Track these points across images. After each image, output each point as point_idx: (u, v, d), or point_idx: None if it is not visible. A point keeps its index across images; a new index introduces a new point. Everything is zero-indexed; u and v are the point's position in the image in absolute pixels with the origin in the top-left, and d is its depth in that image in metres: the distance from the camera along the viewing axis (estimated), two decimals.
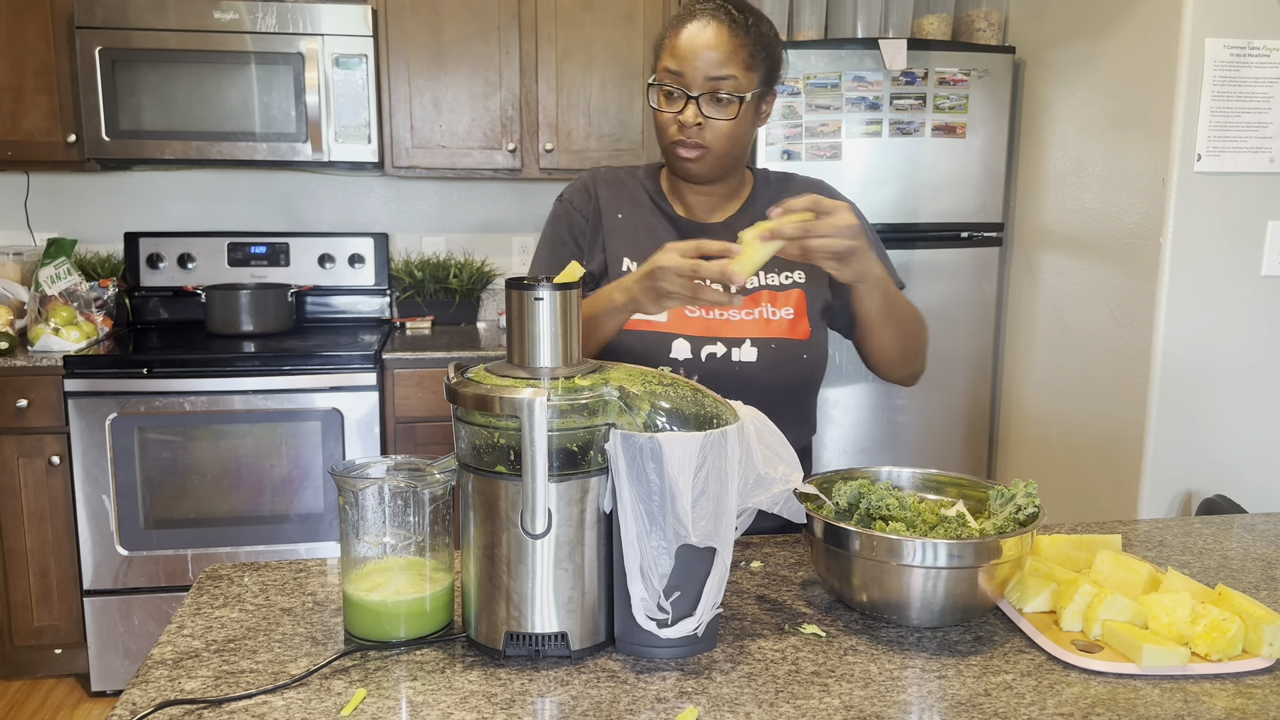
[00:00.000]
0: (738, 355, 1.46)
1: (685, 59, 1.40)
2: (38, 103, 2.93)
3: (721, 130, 1.42)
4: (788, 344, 1.47)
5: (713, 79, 1.39)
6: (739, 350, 1.46)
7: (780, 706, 0.95)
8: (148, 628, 2.83)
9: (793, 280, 1.50)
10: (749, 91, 1.41)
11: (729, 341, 1.46)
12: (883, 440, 3.01)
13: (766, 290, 1.49)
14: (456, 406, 1.04)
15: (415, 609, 1.06)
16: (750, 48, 1.41)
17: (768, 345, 1.46)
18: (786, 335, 1.47)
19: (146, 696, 0.96)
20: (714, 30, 1.40)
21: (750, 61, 1.41)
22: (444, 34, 3.08)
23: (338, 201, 3.48)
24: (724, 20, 1.40)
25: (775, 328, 1.47)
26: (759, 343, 1.46)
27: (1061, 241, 2.82)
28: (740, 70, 1.40)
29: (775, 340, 1.47)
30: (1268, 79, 2.35)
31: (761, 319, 1.47)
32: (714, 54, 1.39)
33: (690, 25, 1.41)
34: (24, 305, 3.05)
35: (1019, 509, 1.16)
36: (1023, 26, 3.01)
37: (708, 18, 1.41)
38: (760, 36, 1.42)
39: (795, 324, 1.48)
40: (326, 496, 2.86)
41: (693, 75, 1.40)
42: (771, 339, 1.47)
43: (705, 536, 1.00)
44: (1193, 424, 2.47)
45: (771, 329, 1.47)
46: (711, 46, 1.39)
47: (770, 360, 1.46)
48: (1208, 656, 1.05)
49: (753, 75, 1.42)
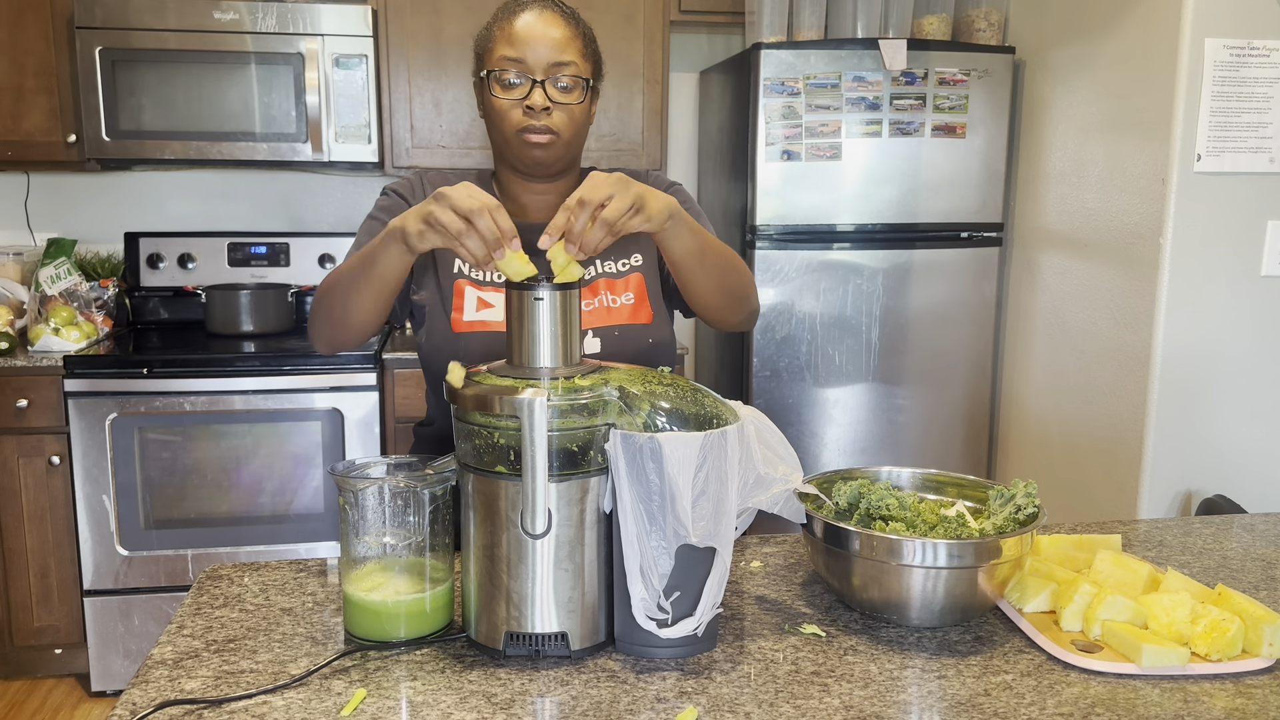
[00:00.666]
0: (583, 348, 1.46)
1: (525, 44, 1.39)
2: (38, 103, 2.93)
3: (571, 114, 1.41)
4: (631, 330, 1.46)
5: (556, 64, 1.39)
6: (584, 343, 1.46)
7: (780, 706, 0.95)
8: (148, 628, 2.83)
9: (629, 265, 1.49)
10: (587, 78, 1.42)
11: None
12: (883, 440, 3.01)
13: (605, 279, 1.48)
14: (456, 406, 1.04)
15: (415, 609, 1.06)
16: (583, 39, 1.43)
17: (610, 333, 1.45)
18: (629, 321, 1.46)
19: (146, 696, 0.96)
20: (550, 18, 1.40)
21: (585, 51, 1.43)
22: (444, 34, 3.08)
23: (338, 201, 3.48)
24: (557, 11, 1.42)
25: (617, 315, 1.46)
26: (601, 332, 1.45)
27: (1061, 241, 2.82)
28: (578, 57, 1.41)
29: (618, 328, 1.46)
30: (1268, 79, 2.35)
31: (602, 308, 1.46)
32: (554, 38, 1.39)
33: (524, 14, 1.41)
34: (24, 305, 3.05)
35: (1019, 509, 1.16)
36: (1023, 26, 3.01)
37: (539, 7, 1.41)
38: (587, 31, 1.45)
39: (637, 309, 1.47)
40: (326, 496, 2.86)
41: (535, 60, 1.38)
42: (614, 326, 1.46)
43: (705, 536, 1.00)
44: (1193, 424, 2.47)
45: (613, 316, 1.46)
46: (553, 30, 1.39)
47: (614, 347, 1.45)
48: (1208, 656, 1.05)
49: (588, 65, 1.43)
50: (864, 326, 2.93)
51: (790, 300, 2.89)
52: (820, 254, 2.88)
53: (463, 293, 1.47)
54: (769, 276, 2.87)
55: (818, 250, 2.88)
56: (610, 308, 1.46)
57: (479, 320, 1.46)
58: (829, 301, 2.90)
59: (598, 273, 1.48)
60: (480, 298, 1.49)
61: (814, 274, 2.89)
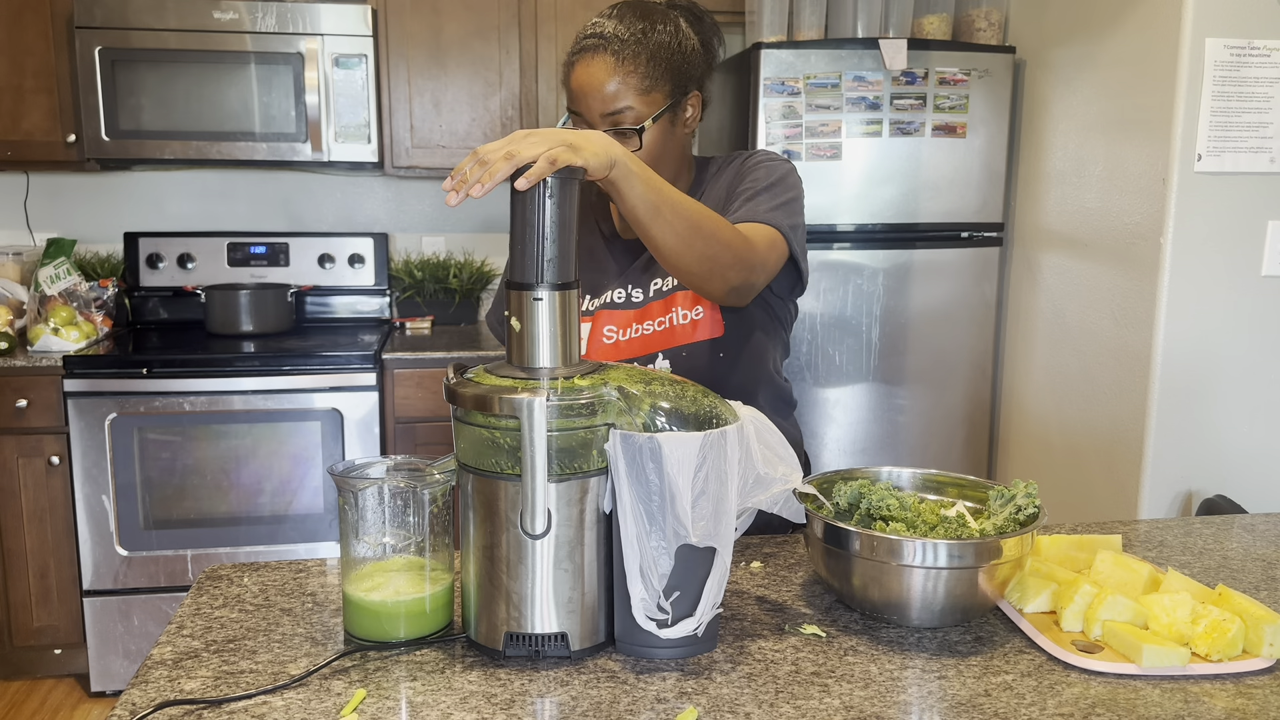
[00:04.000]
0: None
1: (579, 100, 1.39)
2: (38, 103, 2.93)
3: None
4: (698, 348, 1.43)
5: (609, 115, 1.37)
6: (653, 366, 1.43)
7: (780, 707, 0.95)
8: (147, 628, 2.83)
9: None
10: (651, 115, 1.38)
11: (645, 360, 1.44)
12: (883, 440, 3.01)
13: (680, 292, 1.44)
14: (456, 407, 1.04)
15: (415, 609, 1.06)
16: (643, 70, 1.36)
17: (679, 354, 1.43)
18: (696, 339, 1.43)
19: (146, 697, 0.96)
20: (599, 65, 1.36)
21: (644, 84, 1.37)
22: (444, 34, 3.07)
23: (337, 201, 3.48)
24: (609, 50, 1.36)
25: (681, 334, 1.43)
26: (670, 354, 1.43)
27: (1061, 241, 2.82)
28: (635, 98, 1.37)
29: (685, 348, 1.43)
30: (1268, 79, 2.35)
31: (669, 328, 1.43)
32: (605, 90, 1.36)
33: (579, 64, 1.38)
34: (24, 305, 3.05)
35: (1019, 509, 1.16)
36: (1023, 26, 3.01)
37: (592, 52, 1.37)
38: (655, 51, 1.37)
39: (704, 323, 1.43)
40: (326, 496, 2.86)
41: (590, 115, 1.38)
42: (681, 347, 1.43)
43: (705, 536, 1.00)
44: (1193, 424, 2.47)
45: (677, 336, 1.43)
46: (600, 84, 1.36)
47: (683, 369, 1.42)
48: (1208, 657, 1.05)
49: (654, 95, 1.38)
50: (864, 326, 2.93)
51: None
52: (820, 254, 2.88)
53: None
54: None
55: (818, 250, 2.88)
56: (677, 326, 1.43)
57: None
58: (829, 301, 2.90)
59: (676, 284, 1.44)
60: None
61: (814, 274, 2.88)
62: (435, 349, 2.98)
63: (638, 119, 1.37)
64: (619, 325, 1.46)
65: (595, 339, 1.46)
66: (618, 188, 1.14)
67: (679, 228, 1.20)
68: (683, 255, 1.23)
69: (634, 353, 1.44)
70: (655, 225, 1.19)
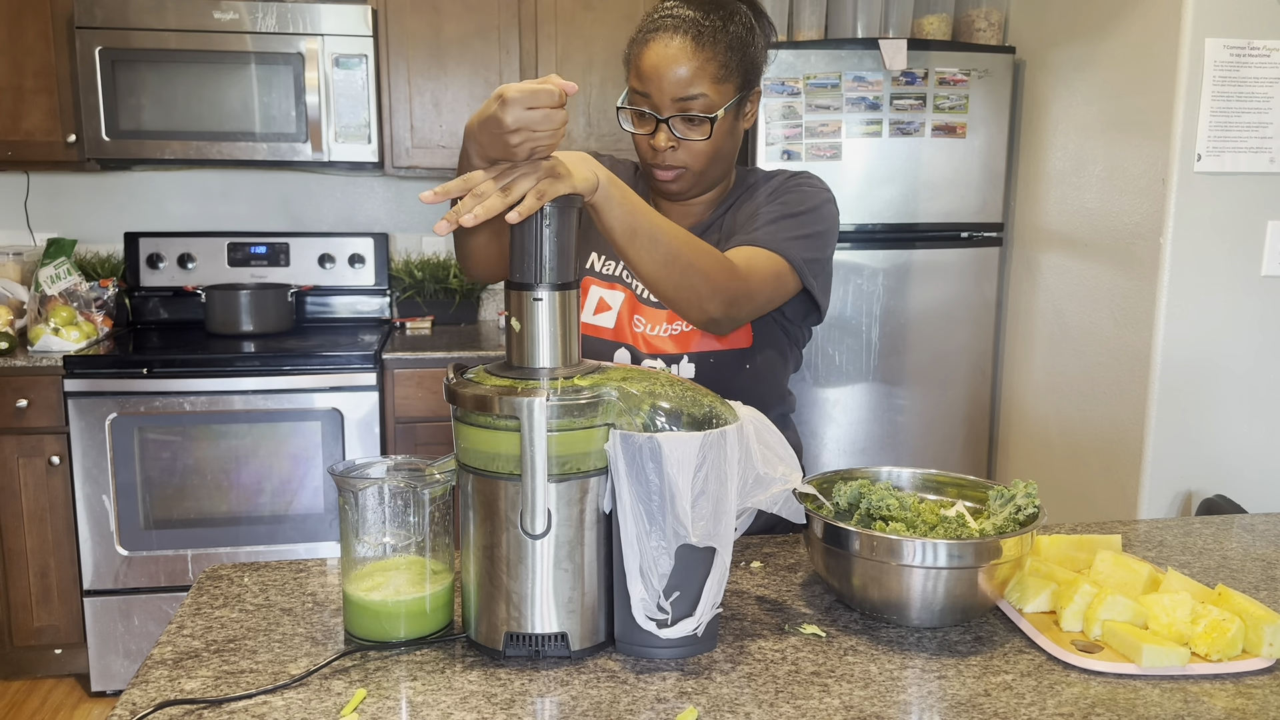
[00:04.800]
0: (676, 371, 1.41)
1: (650, 80, 1.33)
2: (38, 103, 2.93)
3: (698, 150, 1.37)
4: (726, 356, 1.41)
5: (681, 100, 1.33)
6: (677, 367, 1.41)
7: (780, 707, 0.95)
8: (148, 628, 2.83)
9: None
10: (723, 105, 1.35)
11: (669, 359, 1.41)
12: (883, 440, 3.01)
13: None
14: (456, 407, 1.04)
15: (415, 608, 1.06)
16: (721, 58, 1.33)
17: (706, 360, 1.41)
18: (726, 346, 1.41)
19: (146, 696, 0.96)
20: (678, 47, 1.32)
21: (721, 73, 1.34)
22: (444, 33, 3.08)
23: (338, 201, 3.48)
24: (689, 33, 1.32)
25: (711, 339, 1.41)
26: (696, 357, 1.41)
27: (1061, 241, 2.82)
28: (710, 85, 1.33)
29: (714, 354, 1.41)
30: (1268, 79, 2.35)
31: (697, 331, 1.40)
32: (680, 73, 1.32)
33: (654, 43, 1.33)
34: (24, 305, 3.05)
35: (1019, 509, 1.16)
36: (1023, 26, 3.01)
37: (670, 32, 1.33)
38: (732, 41, 1.35)
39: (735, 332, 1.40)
40: (326, 496, 2.86)
41: (660, 97, 1.33)
42: (710, 353, 1.41)
43: (705, 536, 1.00)
44: (1193, 424, 2.47)
45: (708, 341, 1.41)
46: (676, 65, 1.32)
47: (709, 376, 1.41)
48: (1208, 657, 1.05)
49: (726, 86, 1.35)
50: (864, 326, 2.93)
51: None
52: None
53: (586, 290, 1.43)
54: None
55: None
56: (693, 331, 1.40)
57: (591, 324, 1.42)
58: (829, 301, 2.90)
59: None
60: (602, 297, 1.45)
61: None
62: (435, 349, 2.98)
63: (709, 107, 1.34)
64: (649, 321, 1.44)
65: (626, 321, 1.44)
66: (598, 210, 1.14)
67: (655, 255, 1.19)
68: (658, 282, 1.22)
69: (664, 349, 1.42)
70: (631, 249, 1.18)
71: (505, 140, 1.02)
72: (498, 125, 1.02)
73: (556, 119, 1.02)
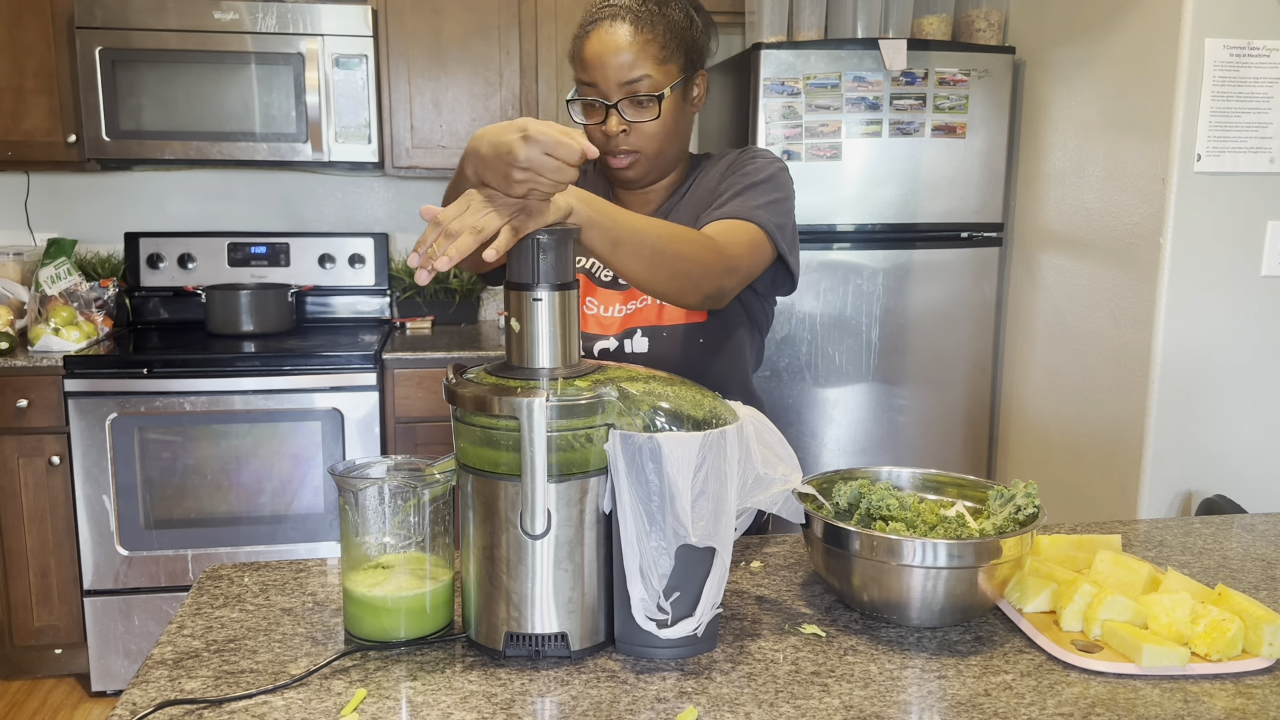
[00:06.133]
0: (630, 347, 1.43)
1: (595, 68, 1.37)
2: (38, 103, 2.93)
3: (649, 131, 1.39)
4: (679, 330, 1.43)
5: (626, 83, 1.36)
6: (631, 342, 1.43)
7: (780, 706, 0.95)
8: (148, 628, 2.83)
9: None
10: (668, 85, 1.38)
11: (621, 336, 1.44)
12: (883, 440, 3.01)
13: None
14: (456, 407, 1.04)
15: (415, 605, 1.06)
16: (661, 39, 1.37)
17: (659, 334, 1.43)
18: (681, 320, 1.43)
19: (146, 696, 0.96)
20: (618, 32, 1.36)
21: (662, 54, 1.38)
22: (444, 34, 3.08)
23: (338, 201, 3.48)
24: (626, 19, 1.37)
25: (670, 314, 1.43)
26: (650, 331, 1.43)
27: (1061, 241, 2.82)
28: (653, 66, 1.37)
29: (667, 328, 1.43)
30: (1268, 79, 2.35)
31: (654, 304, 1.43)
32: (623, 57, 1.36)
33: (595, 32, 1.38)
34: (24, 305, 3.05)
35: (1019, 509, 1.16)
36: (1023, 26, 3.01)
37: (610, 20, 1.37)
38: (670, 24, 1.39)
39: None
40: (326, 496, 2.86)
41: (606, 84, 1.37)
42: (664, 327, 1.43)
43: (705, 536, 1.00)
44: (1193, 424, 2.47)
45: (666, 315, 1.43)
46: (618, 50, 1.36)
47: (663, 349, 1.42)
48: (1208, 656, 1.05)
49: (670, 66, 1.39)
50: (864, 326, 2.93)
51: (790, 300, 2.89)
52: (820, 254, 2.88)
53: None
54: None
55: (818, 250, 2.88)
56: (664, 305, 1.43)
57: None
58: (829, 301, 2.90)
59: None
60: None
61: (814, 274, 2.88)
62: (435, 349, 2.98)
63: (654, 87, 1.37)
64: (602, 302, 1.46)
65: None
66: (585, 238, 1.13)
67: (641, 258, 1.20)
68: (652, 281, 1.23)
69: (615, 328, 1.44)
70: (617, 260, 1.18)
71: (509, 173, 1.01)
72: (510, 156, 1.01)
73: (567, 175, 1.02)
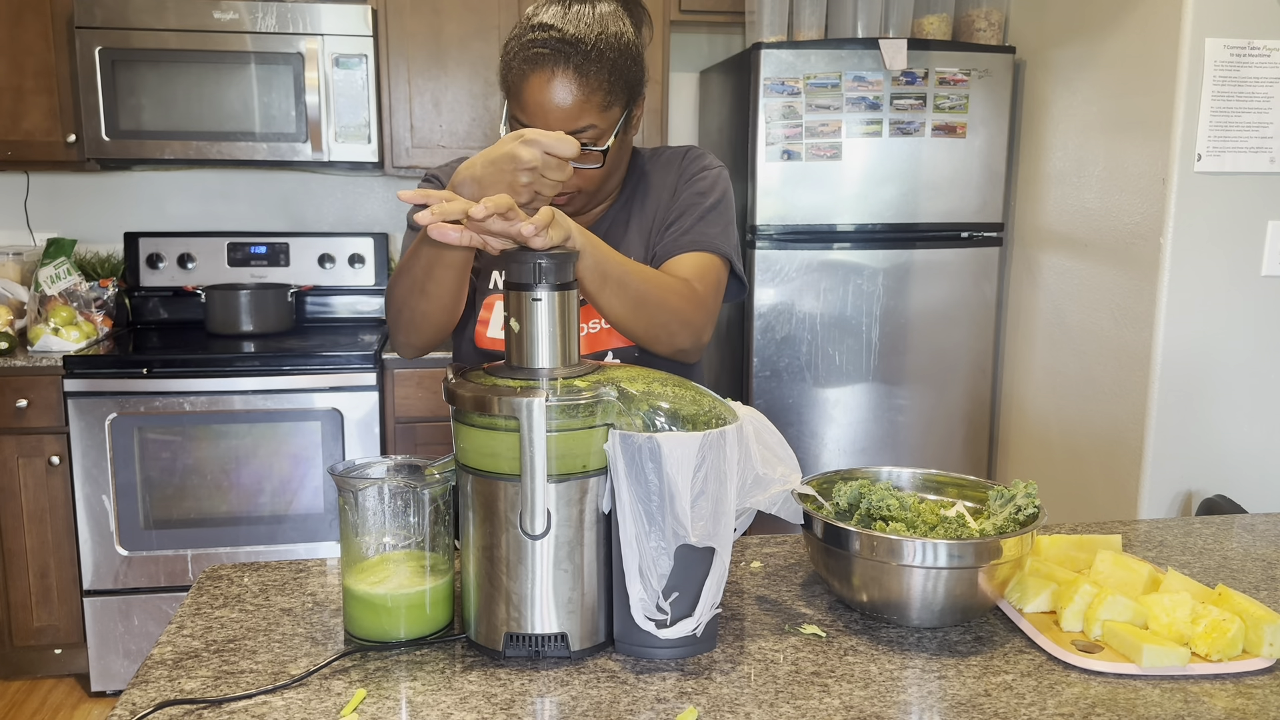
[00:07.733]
0: None
1: (535, 116, 1.27)
2: (38, 103, 2.93)
3: (591, 175, 1.32)
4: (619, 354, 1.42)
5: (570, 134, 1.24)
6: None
7: (780, 707, 0.95)
8: (148, 628, 2.83)
9: None
10: (612, 132, 1.31)
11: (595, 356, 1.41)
12: (883, 440, 3.01)
13: None
14: (455, 407, 1.04)
15: (415, 602, 1.06)
16: (605, 86, 1.27)
17: (630, 355, 1.41)
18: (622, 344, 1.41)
19: (146, 696, 0.96)
20: (561, 82, 1.25)
21: (606, 100, 1.28)
22: (444, 34, 3.07)
23: (338, 201, 3.48)
24: (569, 64, 1.25)
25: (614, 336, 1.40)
26: (621, 353, 1.41)
27: (1061, 241, 2.82)
28: (597, 115, 1.28)
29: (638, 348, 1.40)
30: (1268, 79, 2.35)
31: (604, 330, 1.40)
32: (566, 110, 1.26)
33: (534, 77, 1.26)
34: (24, 305, 3.05)
35: (1019, 509, 1.16)
36: (1023, 26, 3.01)
37: (550, 66, 1.25)
38: (613, 61, 1.28)
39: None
40: (326, 496, 2.86)
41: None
42: (634, 347, 1.40)
43: (704, 536, 1.00)
44: (1193, 424, 2.47)
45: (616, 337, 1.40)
46: (562, 103, 1.26)
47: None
48: (1208, 657, 1.05)
49: (613, 111, 1.30)
50: (864, 326, 2.93)
51: (790, 300, 2.89)
52: (820, 254, 2.88)
53: (492, 306, 1.42)
54: (769, 276, 2.87)
55: (818, 250, 2.88)
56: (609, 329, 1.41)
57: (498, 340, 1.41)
58: (829, 301, 2.90)
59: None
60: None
61: (814, 274, 2.88)
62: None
63: (597, 137, 1.30)
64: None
65: None
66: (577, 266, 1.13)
67: (625, 299, 1.21)
68: (630, 324, 1.24)
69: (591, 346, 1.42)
70: (602, 297, 1.19)
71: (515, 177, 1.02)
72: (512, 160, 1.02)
73: (566, 173, 1.03)
